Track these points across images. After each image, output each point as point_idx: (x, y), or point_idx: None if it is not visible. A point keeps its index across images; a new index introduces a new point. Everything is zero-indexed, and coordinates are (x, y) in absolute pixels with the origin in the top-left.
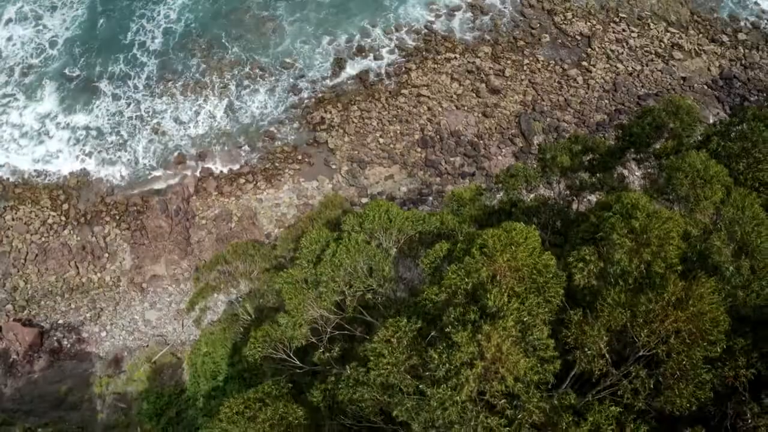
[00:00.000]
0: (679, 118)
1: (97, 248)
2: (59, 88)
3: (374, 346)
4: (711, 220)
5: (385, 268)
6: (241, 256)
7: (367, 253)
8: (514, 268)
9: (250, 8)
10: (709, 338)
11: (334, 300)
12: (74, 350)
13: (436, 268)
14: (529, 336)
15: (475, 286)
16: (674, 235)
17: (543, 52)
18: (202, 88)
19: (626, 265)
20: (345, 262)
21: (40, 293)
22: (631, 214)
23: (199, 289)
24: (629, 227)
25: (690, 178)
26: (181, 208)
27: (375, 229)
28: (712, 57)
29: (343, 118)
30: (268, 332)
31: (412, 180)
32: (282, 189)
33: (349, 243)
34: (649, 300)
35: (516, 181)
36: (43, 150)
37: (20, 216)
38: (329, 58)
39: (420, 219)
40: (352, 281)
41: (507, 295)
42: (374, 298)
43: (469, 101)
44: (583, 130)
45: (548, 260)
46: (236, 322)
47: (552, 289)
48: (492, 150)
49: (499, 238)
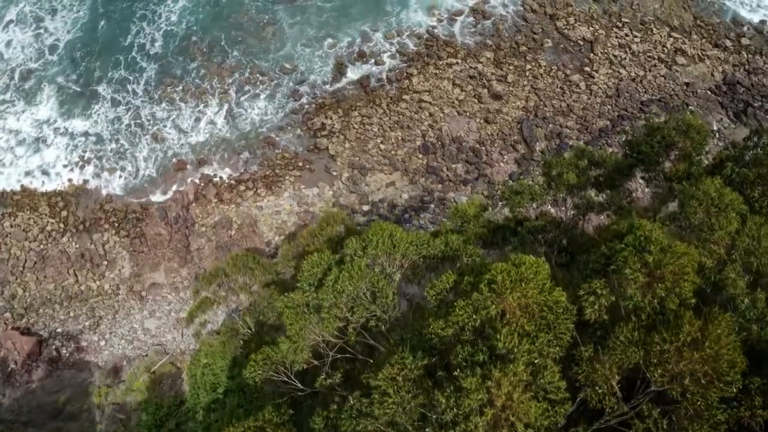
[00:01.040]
0: (689, 137)
1: (96, 256)
2: (58, 93)
3: (379, 383)
4: (726, 251)
5: (389, 294)
6: (241, 269)
7: (370, 279)
8: (524, 306)
9: (250, 12)
10: (726, 379)
11: (337, 326)
12: (73, 359)
13: (442, 300)
14: (540, 379)
15: (484, 322)
16: (689, 270)
17: (545, 57)
18: (202, 93)
19: (639, 301)
20: (347, 288)
21: (39, 301)
22: (645, 247)
23: (198, 302)
24: (643, 261)
25: (704, 206)
26: (181, 215)
27: (378, 254)
28: (715, 62)
29: (343, 124)
30: (268, 355)
31: (414, 187)
32: (282, 196)
33: (352, 269)
34: (663, 340)
35: (522, 198)
36: (42, 156)
37: (18, 223)
38: (330, 63)
39: (424, 242)
40: (354, 307)
41: (517, 335)
42: (377, 325)
43: (470, 107)
44: (585, 136)
45: (559, 296)
46: (236, 336)
47: (562, 325)
48: (494, 156)
49: (508, 273)
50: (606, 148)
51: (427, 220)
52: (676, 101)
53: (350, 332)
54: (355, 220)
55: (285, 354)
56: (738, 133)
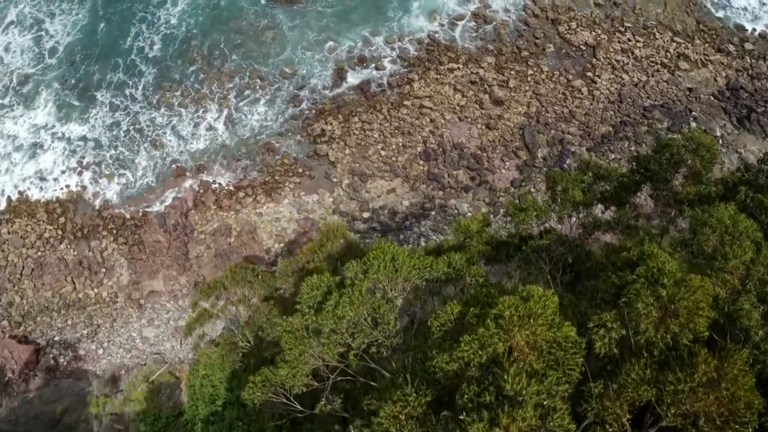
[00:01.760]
0: (699, 155)
1: (94, 263)
2: (57, 97)
3: (381, 421)
4: (740, 280)
5: (391, 320)
6: (240, 282)
7: (372, 305)
8: (532, 343)
9: (249, 16)
10: (742, 420)
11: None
12: (71, 368)
13: (446, 332)
14: (549, 423)
15: (490, 359)
16: (704, 305)
17: (547, 62)
18: (201, 98)
19: (651, 336)
20: (348, 314)
21: (36, 309)
22: (658, 279)
23: (196, 314)
24: (656, 295)
25: (718, 233)
26: (180, 222)
27: (380, 279)
28: (718, 67)
29: (344, 130)
30: (267, 377)
31: (415, 194)
32: (282, 203)
33: (352, 293)
34: (678, 380)
35: (526, 216)
36: (40, 162)
37: (16, 229)
38: (330, 68)
39: (427, 265)
40: (355, 333)
41: (525, 375)
42: (379, 352)
43: (472, 113)
44: (588, 142)
45: (568, 332)
46: (235, 350)
47: (571, 360)
48: (495, 163)
49: (516, 308)
50: (609, 154)
51: (428, 228)
52: (679, 107)
53: (351, 358)
54: (356, 227)
55: (284, 378)
56: (741, 139)
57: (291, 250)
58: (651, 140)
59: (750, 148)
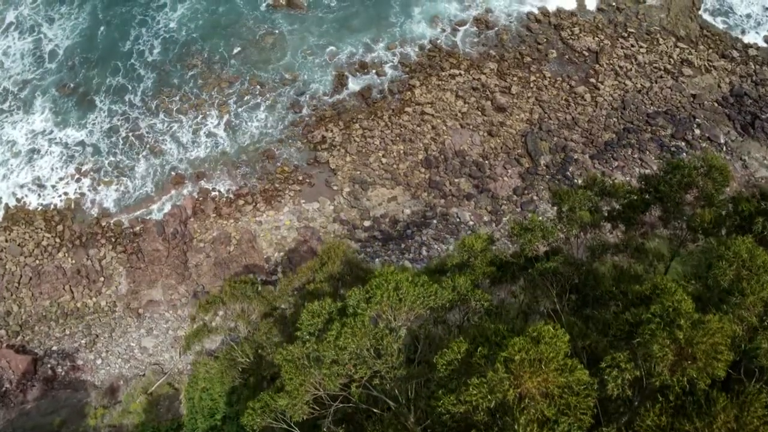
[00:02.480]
0: (711, 177)
1: (92, 272)
2: (56, 103)
3: None
4: (757, 318)
5: (394, 352)
6: (239, 297)
7: (375, 336)
8: (543, 391)
9: (249, 21)
10: None
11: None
12: (69, 378)
13: (453, 370)
14: None
15: (499, 404)
16: (723, 349)
17: (550, 68)
18: (200, 104)
19: (667, 379)
20: (350, 346)
21: (34, 318)
22: (674, 320)
23: (195, 330)
24: (672, 337)
25: (735, 268)
26: (179, 230)
27: (383, 309)
28: (722, 73)
29: (344, 137)
30: (267, 402)
31: (416, 202)
32: (282, 211)
33: (354, 324)
34: (695, 429)
35: (533, 236)
36: (38, 169)
37: (14, 237)
38: (331, 74)
39: (432, 293)
40: (357, 365)
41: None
42: (382, 383)
43: (474, 119)
44: (591, 149)
45: (581, 376)
46: (234, 366)
47: (584, 404)
48: (498, 171)
49: (526, 351)
50: (612, 162)
51: (430, 237)
52: (683, 113)
53: (353, 390)
54: (356, 236)
55: (284, 408)
56: (745, 146)
57: (291, 259)
58: (654, 147)
59: (754, 155)
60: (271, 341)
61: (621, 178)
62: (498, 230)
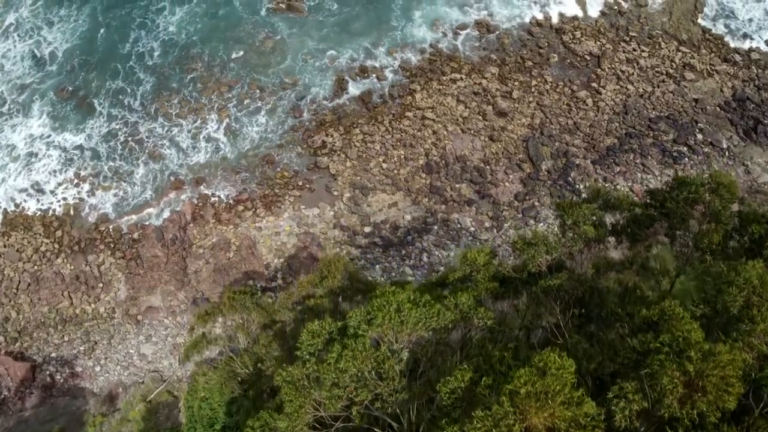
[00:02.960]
0: (718, 194)
1: (91, 278)
2: (55, 107)
3: None
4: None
5: (396, 376)
6: (238, 309)
7: (376, 359)
8: (550, 426)
9: (248, 25)
10: None
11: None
12: (67, 386)
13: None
14: None
15: None
16: (734, 382)
17: (551, 72)
18: (200, 108)
19: (676, 411)
20: (351, 369)
21: (33, 324)
22: (683, 350)
23: (193, 341)
24: (682, 369)
25: (745, 294)
26: (178, 236)
27: (385, 331)
28: (724, 77)
29: (345, 142)
30: (266, 421)
31: (417, 208)
32: (282, 217)
33: (356, 347)
34: None
35: (536, 252)
36: (36, 173)
37: (12, 243)
38: (331, 78)
39: (434, 314)
40: (358, 388)
41: None
42: (383, 407)
43: (475, 124)
44: (592, 155)
45: (588, 409)
46: (234, 377)
47: None
48: (499, 176)
49: (532, 384)
50: (614, 167)
51: (431, 243)
52: (685, 118)
53: (354, 414)
54: (357, 242)
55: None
56: (748, 152)
57: (291, 266)
58: (656, 152)
59: (757, 160)
60: (271, 355)
61: (623, 184)
62: (499, 236)
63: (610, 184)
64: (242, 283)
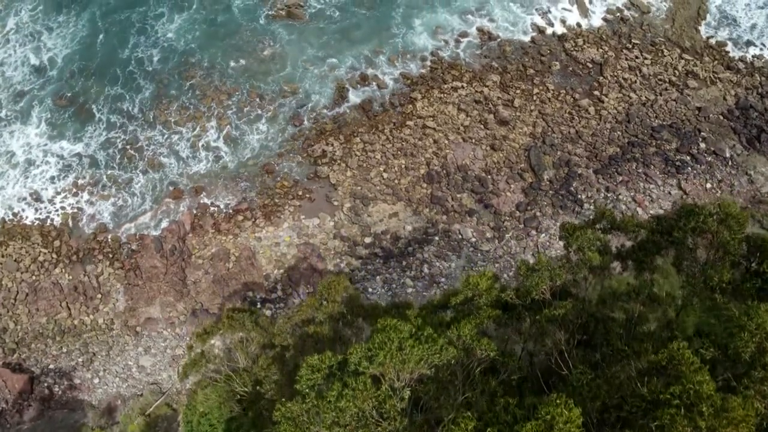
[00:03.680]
0: (727, 225)
1: (89, 288)
2: (53, 114)
3: None
4: None
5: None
6: (237, 328)
7: (377, 398)
8: None
9: (247, 32)
10: None
11: None
12: (65, 398)
13: None
14: None
15: None
16: None
17: (553, 80)
18: (199, 117)
19: None
20: (351, 408)
21: (31, 335)
22: (694, 404)
23: (191, 360)
24: (693, 425)
25: (757, 339)
26: (177, 246)
27: (386, 371)
28: (727, 85)
29: (345, 151)
30: None
31: (418, 218)
32: (282, 227)
33: (356, 385)
34: None
35: (540, 280)
36: (34, 182)
37: (10, 252)
38: (331, 86)
39: (437, 351)
40: (359, 427)
41: None
42: None
43: (476, 133)
44: (595, 164)
45: None
46: (233, 396)
47: None
48: (500, 186)
49: None
50: (616, 176)
51: (432, 254)
52: (688, 127)
53: None
54: (357, 252)
55: None
56: (751, 161)
57: (291, 277)
58: (659, 162)
59: (760, 169)
60: (270, 379)
61: (626, 194)
62: (500, 247)
63: (613, 194)
64: (242, 294)
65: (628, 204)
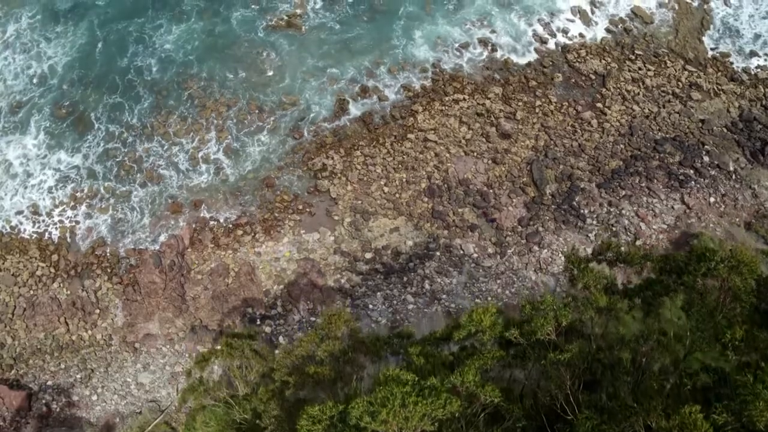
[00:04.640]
0: (739, 272)
1: (87, 303)
2: (51, 124)
3: None
4: None
5: None
6: (237, 356)
7: None
8: None
9: (246, 43)
10: None
11: None
12: (63, 415)
13: None
14: None
15: None
16: None
17: (555, 92)
18: (198, 129)
19: None
20: None
21: (29, 351)
22: None
23: (190, 386)
24: None
25: None
26: (176, 262)
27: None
28: (731, 97)
29: (345, 165)
30: None
31: (419, 233)
32: (281, 241)
33: None
34: None
35: (545, 321)
36: (32, 195)
37: (8, 266)
38: (331, 98)
39: (440, 405)
40: None
41: None
42: None
43: (478, 146)
44: (597, 178)
45: None
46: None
47: None
48: (502, 200)
49: None
50: (619, 191)
51: (433, 270)
52: (691, 140)
53: None
54: (357, 268)
55: None
56: (755, 174)
57: (290, 293)
58: (662, 176)
59: (764, 183)
60: (269, 414)
61: (628, 208)
62: (503, 263)
63: (615, 208)
64: (241, 310)
65: (631, 219)
